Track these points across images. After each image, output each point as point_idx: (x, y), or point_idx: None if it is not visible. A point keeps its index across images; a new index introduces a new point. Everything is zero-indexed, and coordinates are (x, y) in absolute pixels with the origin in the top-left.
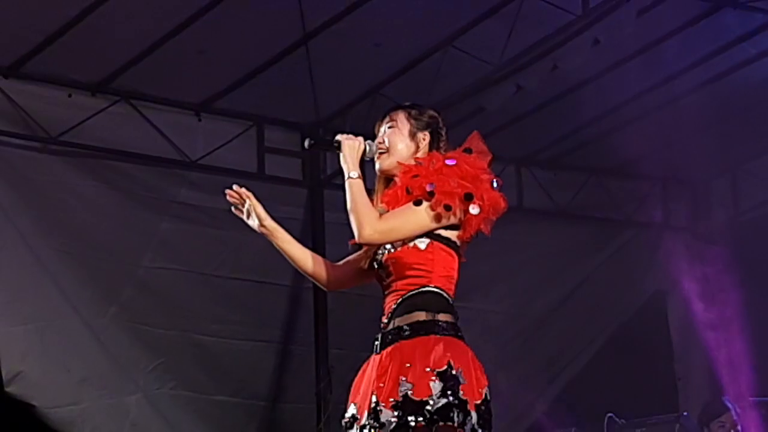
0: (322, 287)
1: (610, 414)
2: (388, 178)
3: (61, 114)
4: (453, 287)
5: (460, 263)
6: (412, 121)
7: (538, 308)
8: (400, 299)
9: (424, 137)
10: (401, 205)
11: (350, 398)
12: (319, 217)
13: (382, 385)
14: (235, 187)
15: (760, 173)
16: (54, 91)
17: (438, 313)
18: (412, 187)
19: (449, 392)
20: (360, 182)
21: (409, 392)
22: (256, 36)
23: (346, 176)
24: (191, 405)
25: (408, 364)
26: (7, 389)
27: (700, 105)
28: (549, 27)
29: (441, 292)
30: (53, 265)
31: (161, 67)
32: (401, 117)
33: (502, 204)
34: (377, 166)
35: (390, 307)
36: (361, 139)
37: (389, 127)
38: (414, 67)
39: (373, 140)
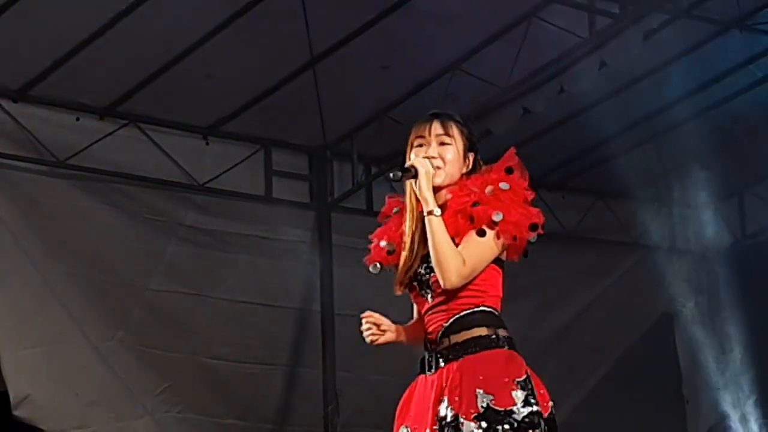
0: None
1: None
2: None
3: (69, 137)
4: (500, 306)
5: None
6: (466, 141)
7: (545, 331)
8: (453, 318)
9: (472, 158)
10: (464, 233)
11: (398, 421)
12: (326, 240)
13: (457, 398)
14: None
15: (767, 196)
16: (62, 115)
17: (498, 328)
18: (476, 216)
19: (532, 400)
20: (441, 220)
21: (491, 403)
22: (264, 59)
23: (427, 210)
24: (199, 428)
25: (481, 377)
26: (15, 413)
27: (707, 127)
28: (556, 50)
29: (493, 311)
30: (61, 289)
31: (169, 90)
32: (456, 133)
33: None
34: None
35: (438, 325)
36: (426, 162)
37: (444, 144)
38: (421, 89)
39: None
